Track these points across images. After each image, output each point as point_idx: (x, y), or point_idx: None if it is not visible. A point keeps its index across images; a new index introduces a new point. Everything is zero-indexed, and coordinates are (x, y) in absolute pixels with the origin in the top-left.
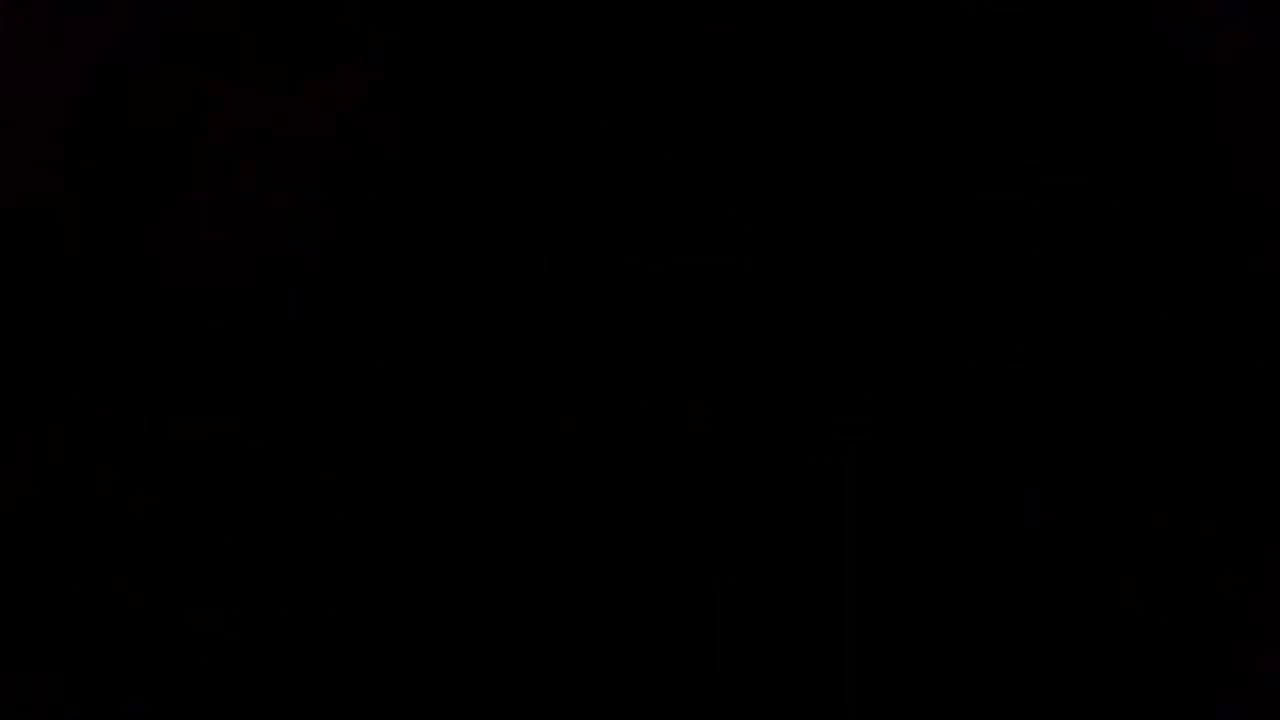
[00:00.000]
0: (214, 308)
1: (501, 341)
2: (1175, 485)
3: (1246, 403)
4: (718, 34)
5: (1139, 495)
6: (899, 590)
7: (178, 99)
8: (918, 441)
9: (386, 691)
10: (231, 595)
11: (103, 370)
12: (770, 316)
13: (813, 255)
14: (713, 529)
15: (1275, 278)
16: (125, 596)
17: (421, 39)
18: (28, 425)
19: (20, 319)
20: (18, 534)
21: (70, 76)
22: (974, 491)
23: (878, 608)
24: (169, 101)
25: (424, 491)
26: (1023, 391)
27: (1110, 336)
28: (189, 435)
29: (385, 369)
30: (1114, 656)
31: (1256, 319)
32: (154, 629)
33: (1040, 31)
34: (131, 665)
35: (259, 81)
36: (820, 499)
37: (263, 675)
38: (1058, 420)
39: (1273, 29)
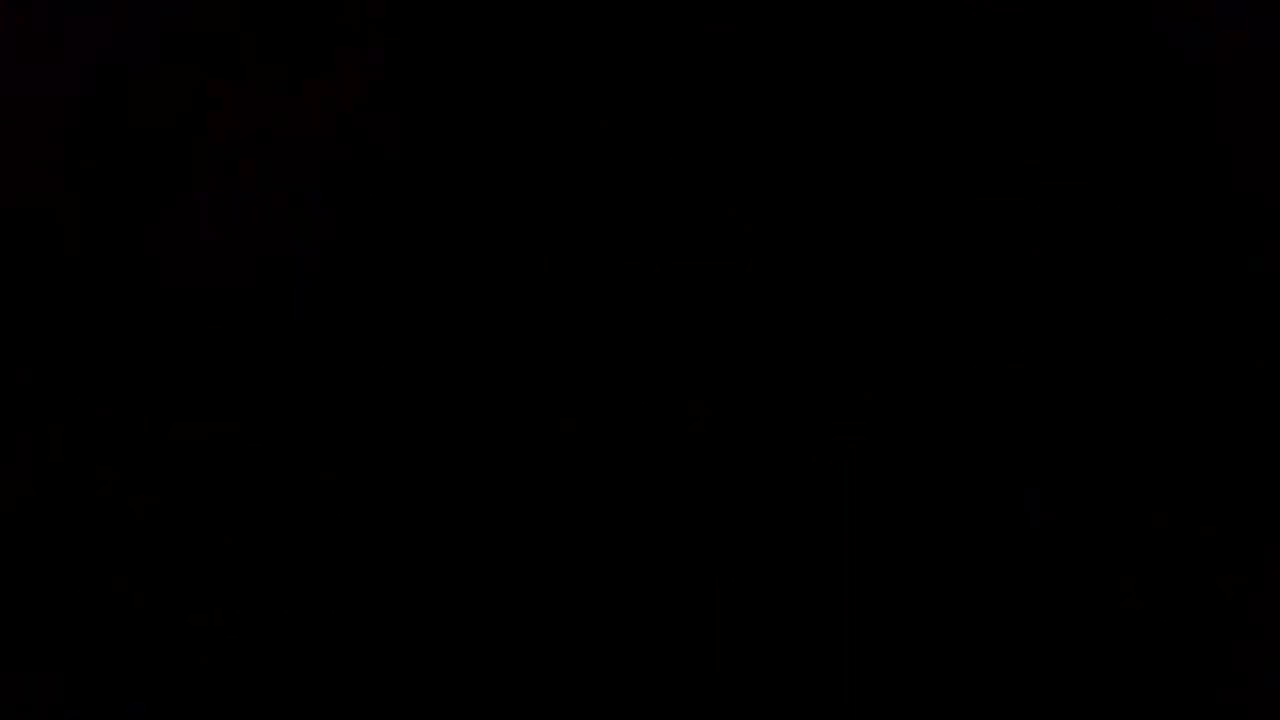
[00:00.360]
0: (214, 308)
1: (501, 341)
2: (1175, 485)
3: (1246, 403)
4: (718, 34)
5: (1139, 495)
6: (899, 590)
7: (178, 99)
8: (918, 442)
9: (387, 691)
10: (231, 595)
11: (103, 370)
12: (770, 316)
13: (813, 255)
14: (713, 529)
15: (1275, 278)
16: (125, 596)
17: (421, 39)
18: (28, 425)
19: (20, 319)
20: (18, 534)
21: (70, 76)
22: (974, 491)
23: (878, 608)
24: (169, 101)
25: (424, 491)
26: (1023, 391)
27: (1110, 337)
28: (189, 435)
29: (385, 369)
30: (1114, 656)
31: (1256, 319)
32: (154, 629)
33: (1040, 31)
34: (131, 665)
35: (259, 81)
36: (820, 499)
37: (263, 675)
38: (1058, 420)
39: (1273, 29)
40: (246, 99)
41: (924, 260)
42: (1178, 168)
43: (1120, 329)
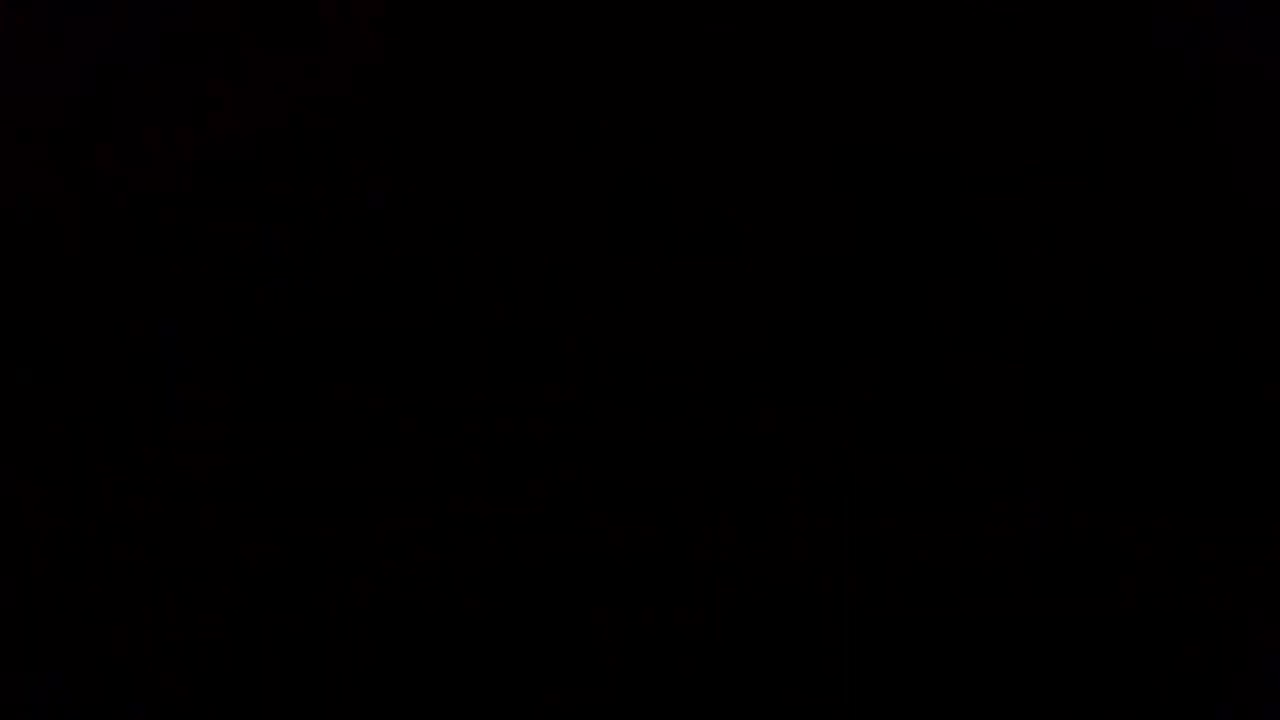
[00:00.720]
0: (214, 308)
1: (500, 342)
2: (1176, 485)
3: (1246, 403)
4: (718, 34)
5: (1139, 495)
6: (899, 592)
7: (178, 99)
8: (917, 442)
9: (387, 691)
10: (232, 595)
11: (103, 370)
12: (770, 316)
13: (813, 255)
14: (712, 530)
15: (1275, 278)
16: (125, 596)
17: (420, 39)
18: (28, 425)
19: (20, 319)
20: (18, 534)
21: (70, 76)
22: (974, 492)
23: (877, 610)
24: (169, 101)
25: (423, 491)
26: (1023, 391)
27: (1110, 336)
28: (189, 435)
29: (385, 369)
30: (1113, 656)
31: (1256, 319)
32: (154, 629)
33: (1040, 32)
34: (131, 665)
35: (259, 81)
36: (820, 499)
37: (263, 675)
38: (1058, 420)
39: (1273, 29)
40: (246, 99)
41: (924, 260)
42: (1178, 168)
43: (1120, 329)
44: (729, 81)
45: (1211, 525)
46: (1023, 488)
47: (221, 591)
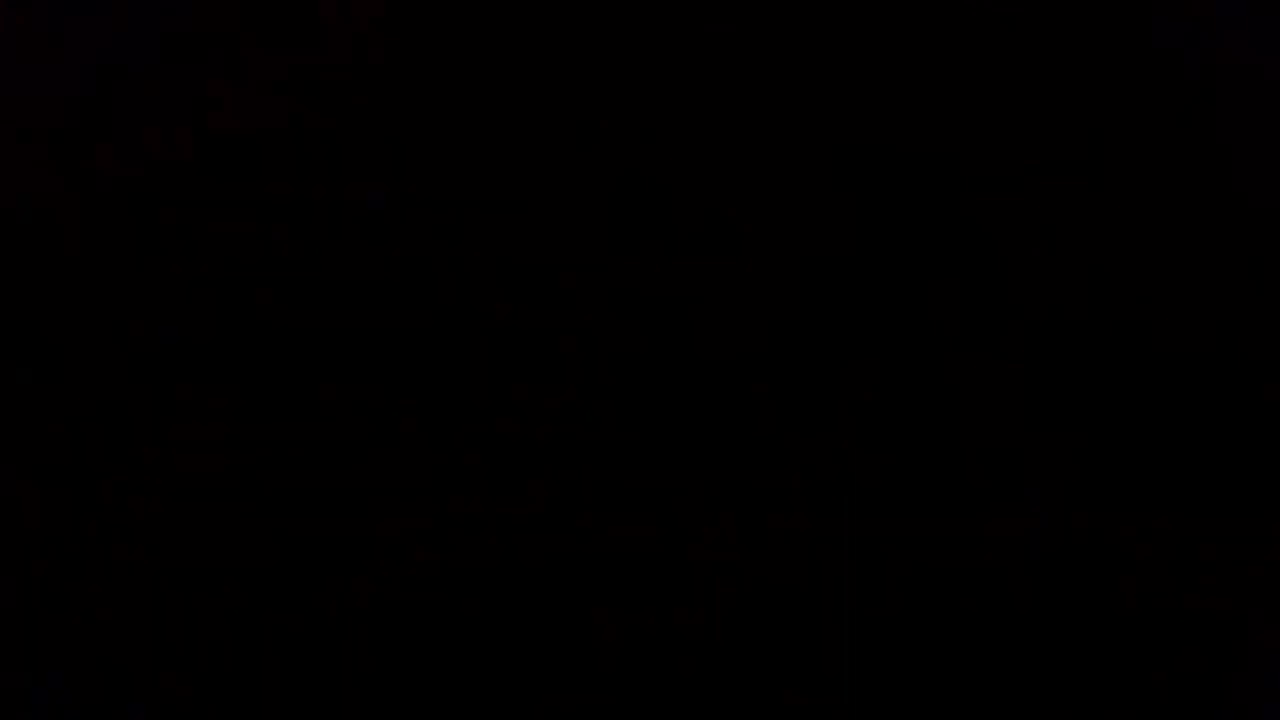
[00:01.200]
0: (214, 308)
1: (500, 342)
2: (1175, 485)
3: (1246, 403)
4: (718, 34)
5: (1139, 495)
6: (899, 592)
7: (178, 99)
8: (917, 442)
9: (387, 691)
10: (231, 595)
11: (103, 370)
12: (770, 316)
13: (813, 255)
14: (712, 530)
15: (1275, 278)
16: (125, 596)
17: (420, 40)
18: (28, 425)
19: (20, 319)
20: (18, 534)
21: (70, 76)
22: (974, 492)
23: (877, 610)
24: (169, 101)
25: (424, 491)
26: (1023, 391)
27: (1110, 336)
28: (189, 435)
29: (385, 369)
30: (1113, 656)
31: (1256, 319)
32: (154, 629)
33: (1040, 32)
34: (131, 665)
35: (259, 81)
36: (820, 499)
37: (263, 675)
38: (1058, 420)
39: (1273, 29)
40: (246, 99)
41: (924, 260)
42: (1178, 168)
43: (1120, 329)
44: (729, 81)
45: (1211, 525)
46: (1023, 488)
47: (221, 591)
